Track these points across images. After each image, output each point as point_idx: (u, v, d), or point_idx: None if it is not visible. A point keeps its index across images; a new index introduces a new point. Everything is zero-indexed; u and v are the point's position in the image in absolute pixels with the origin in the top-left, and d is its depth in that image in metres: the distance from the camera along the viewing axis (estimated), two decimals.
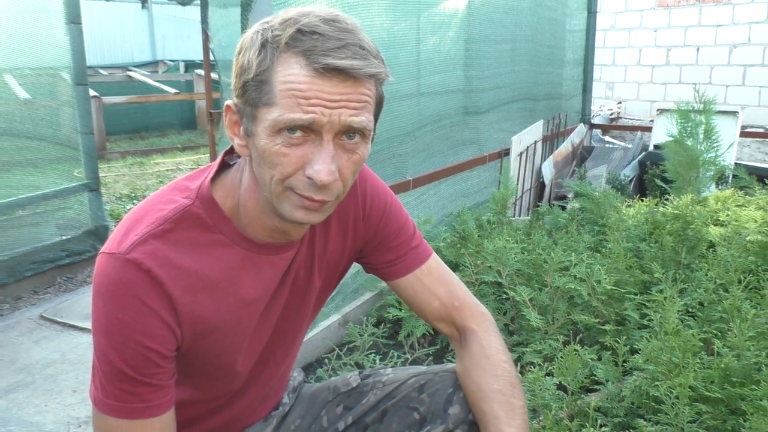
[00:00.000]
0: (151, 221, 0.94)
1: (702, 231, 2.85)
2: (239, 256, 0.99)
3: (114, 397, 0.93)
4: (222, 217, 0.98)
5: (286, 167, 0.88)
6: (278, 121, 0.85)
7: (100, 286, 0.91)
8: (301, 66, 0.84)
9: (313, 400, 1.29)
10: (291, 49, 0.85)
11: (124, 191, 5.88)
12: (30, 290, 3.38)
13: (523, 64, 4.65)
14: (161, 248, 0.92)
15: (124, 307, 0.90)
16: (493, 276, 2.58)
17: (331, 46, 0.84)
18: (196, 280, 0.95)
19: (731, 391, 1.70)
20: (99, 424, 0.96)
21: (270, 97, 0.86)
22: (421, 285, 1.18)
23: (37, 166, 3.59)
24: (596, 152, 5.66)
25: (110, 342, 0.91)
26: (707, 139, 3.97)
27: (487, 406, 1.08)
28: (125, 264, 0.90)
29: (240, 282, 1.00)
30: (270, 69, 0.85)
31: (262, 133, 0.87)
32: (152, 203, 0.98)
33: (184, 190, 0.99)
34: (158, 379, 0.94)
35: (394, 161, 3.15)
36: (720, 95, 8.00)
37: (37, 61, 3.53)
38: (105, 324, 0.91)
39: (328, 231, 1.11)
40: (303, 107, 0.84)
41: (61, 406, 2.28)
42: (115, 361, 0.92)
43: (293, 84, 0.84)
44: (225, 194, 0.99)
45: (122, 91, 8.81)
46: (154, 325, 0.92)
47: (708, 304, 2.21)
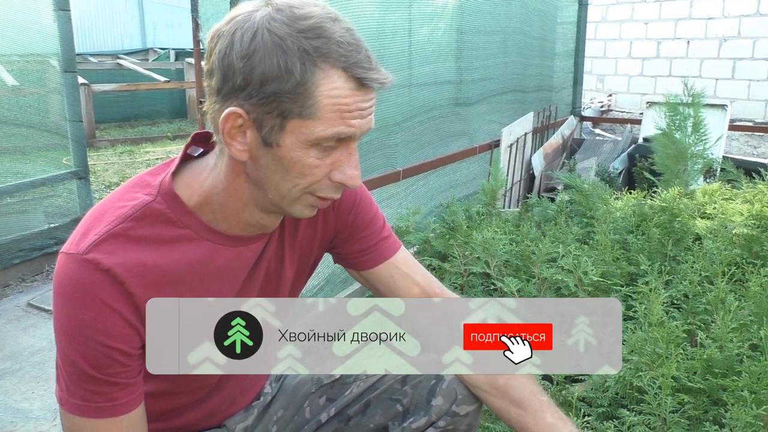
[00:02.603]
0: (111, 219, 0.93)
1: (689, 224, 2.87)
2: (206, 249, 0.98)
3: (80, 397, 0.93)
4: (185, 212, 0.97)
5: (316, 176, 0.91)
6: (322, 135, 0.87)
7: (59, 287, 0.91)
8: (344, 80, 0.86)
9: (296, 392, 1.28)
10: (327, 62, 0.85)
11: (113, 179, 5.86)
12: (18, 278, 3.36)
13: (513, 55, 4.65)
14: (122, 247, 0.91)
15: (84, 307, 0.89)
16: (481, 267, 2.60)
17: (360, 57, 0.87)
18: (159, 277, 0.94)
19: (713, 382, 1.73)
20: (66, 423, 0.96)
21: (312, 111, 0.86)
22: (399, 272, 1.17)
23: (26, 154, 3.57)
24: (586, 144, 5.68)
25: (72, 343, 0.91)
26: (695, 132, 3.99)
27: (502, 380, 1.11)
28: (84, 264, 0.89)
29: (206, 275, 0.99)
30: (309, 82, 0.85)
31: (294, 145, 0.88)
32: (113, 200, 0.96)
33: (145, 186, 0.97)
34: (123, 378, 0.93)
35: (384, 152, 3.15)
36: (710, 88, 8.02)
37: (25, 48, 3.50)
38: (66, 325, 0.91)
39: (297, 220, 1.09)
40: (347, 121, 0.87)
41: (48, 393, 2.29)
42: (78, 362, 0.91)
43: (339, 99, 0.86)
44: (188, 188, 0.97)
45: (112, 79, 8.75)
46: (116, 325, 0.91)
47: (693, 296, 2.23)
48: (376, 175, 3.01)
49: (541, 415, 1.08)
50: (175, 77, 9.58)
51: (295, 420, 1.26)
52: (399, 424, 1.19)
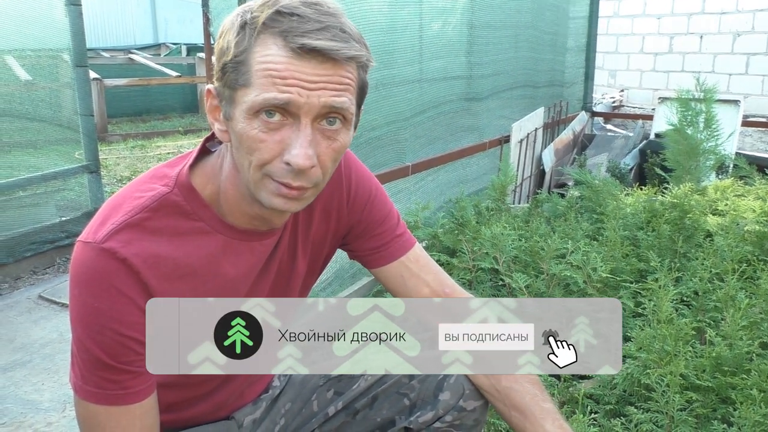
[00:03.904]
0: (128, 209, 0.93)
1: (700, 220, 2.85)
2: (219, 243, 0.99)
3: (94, 384, 0.93)
4: (202, 205, 0.97)
5: (263, 153, 0.87)
6: (254, 102, 0.84)
7: (76, 276, 0.91)
8: (278, 46, 0.83)
9: (304, 385, 1.29)
10: (269, 30, 0.84)
11: (125, 174, 5.89)
12: (29, 270, 3.39)
13: (524, 50, 4.63)
14: (138, 237, 0.92)
15: (100, 296, 0.90)
16: (489, 262, 2.59)
17: (311, 28, 0.83)
18: (173, 269, 0.94)
19: (722, 380, 1.71)
20: (80, 410, 0.97)
21: (247, 78, 0.85)
22: (409, 272, 1.17)
23: (38, 147, 3.59)
24: (597, 140, 5.65)
25: (87, 331, 0.91)
26: (707, 128, 3.96)
27: (505, 383, 1.11)
28: (100, 253, 0.90)
29: (220, 269, 0.99)
30: (248, 50, 0.85)
31: (240, 116, 0.87)
32: (130, 191, 0.97)
33: (162, 177, 0.98)
34: (137, 366, 0.94)
35: (394, 147, 3.15)
36: (723, 84, 7.96)
37: (38, 43, 3.52)
38: (82, 313, 0.91)
39: (311, 215, 1.10)
40: (279, 87, 0.83)
41: (58, 384, 2.30)
42: (93, 350, 0.92)
43: (270, 64, 0.83)
44: (205, 181, 0.98)
45: (124, 74, 8.80)
46: (130, 313, 0.91)
47: (703, 293, 2.21)
48: (385, 170, 3.00)
49: (540, 423, 1.07)
50: (186, 72, 9.61)
51: (303, 413, 1.27)
52: (406, 418, 1.19)
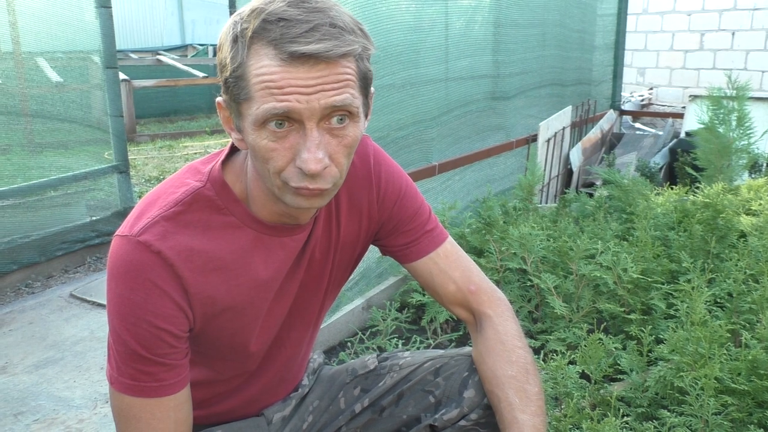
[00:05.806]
0: (163, 204, 0.96)
1: (733, 220, 2.79)
2: (250, 237, 1.00)
3: (129, 376, 0.95)
4: (233, 200, 0.99)
5: (277, 161, 0.88)
6: (257, 115, 0.85)
7: (113, 268, 0.94)
8: (270, 57, 0.83)
9: (331, 382, 1.30)
10: (258, 41, 0.84)
11: (153, 173, 5.95)
12: (60, 269, 3.45)
13: (551, 48, 4.58)
14: (172, 230, 0.94)
15: (136, 288, 0.92)
16: (517, 263, 2.57)
17: (299, 31, 0.82)
18: (206, 261, 0.96)
19: (758, 384, 1.67)
20: (115, 402, 0.98)
21: (247, 92, 0.85)
22: (437, 268, 1.17)
23: (69, 148, 3.65)
24: (626, 139, 5.57)
25: (123, 322, 0.93)
26: (740, 126, 3.88)
27: (501, 392, 1.08)
28: (137, 246, 0.92)
29: (251, 263, 1.01)
30: (243, 64, 0.85)
31: (249, 128, 0.87)
32: (166, 187, 0.99)
33: (196, 173, 1.00)
34: (171, 359, 0.96)
35: (420, 146, 3.14)
36: (755, 81, 7.80)
37: (68, 45, 3.58)
38: (118, 305, 0.93)
39: (340, 214, 1.11)
40: (276, 96, 0.83)
41: (89, 382, 2.34)
42: (129, 342, 0.94)
43: (265, 76, 0.83)
44: (235, 177, 1.00)
45: (152, 75, 8.91)
46: (165, 306, 0.93)
47: (737, 295, 2.17)
48: (411, 169, 3.00)
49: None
50: (213, 73, 9.67)
51: (330, 410, 1.27)
52: (431, 416, 1.19)
